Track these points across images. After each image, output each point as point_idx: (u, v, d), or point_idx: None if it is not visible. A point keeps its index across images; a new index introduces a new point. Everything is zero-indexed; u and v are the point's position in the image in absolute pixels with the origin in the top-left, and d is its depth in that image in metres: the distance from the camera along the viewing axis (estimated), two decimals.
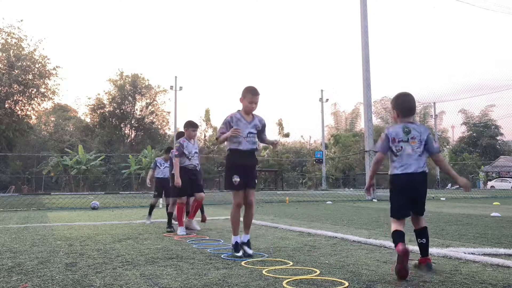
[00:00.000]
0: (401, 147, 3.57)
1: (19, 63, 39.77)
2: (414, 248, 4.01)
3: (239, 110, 4.72)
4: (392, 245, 5.03)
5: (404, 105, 3.69)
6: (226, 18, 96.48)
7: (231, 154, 4.62)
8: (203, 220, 7.83)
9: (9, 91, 39.61)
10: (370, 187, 3.92)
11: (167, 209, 7.46)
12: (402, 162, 3.56)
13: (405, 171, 3.54)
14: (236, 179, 4.47)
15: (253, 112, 4.74)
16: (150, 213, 8.42)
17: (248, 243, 4.53)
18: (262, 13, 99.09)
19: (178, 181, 6.41)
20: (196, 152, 6.72)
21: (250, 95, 4.63)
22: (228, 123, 4.62)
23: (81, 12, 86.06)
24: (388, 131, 3.64)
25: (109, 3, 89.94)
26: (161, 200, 13.70)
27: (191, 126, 6.75)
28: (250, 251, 4.47)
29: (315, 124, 71.11)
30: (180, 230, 6.50)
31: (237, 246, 4.46)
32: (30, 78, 40.57)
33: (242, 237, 4.55)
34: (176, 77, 41.11)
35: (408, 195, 3.55)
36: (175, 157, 6.62)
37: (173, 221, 7.19)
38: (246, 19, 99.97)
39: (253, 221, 8.16)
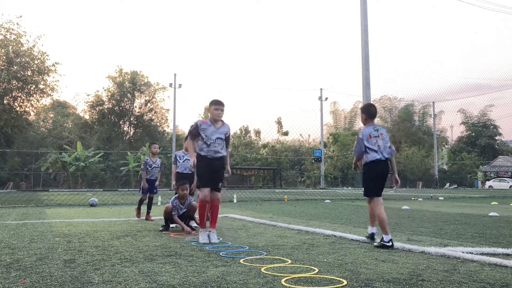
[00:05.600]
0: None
1: (18, 59, 39.64)
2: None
3: None
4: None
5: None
6: (226, 16, 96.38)
7: None
8: (148, 218, 7.95)
9: (7, 87, 39.47)
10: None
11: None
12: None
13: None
14: None
15: None
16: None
17: None
18: (262, 11, 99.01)
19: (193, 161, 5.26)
20: (219, 138, 5.43)
21: None
22: None
23: (80, 8, 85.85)
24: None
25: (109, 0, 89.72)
26: (159, 198, 13.71)
27: (214, 104, 5.48)
28: None
29: (314, 123, 70.94)
30: (202, 237, 5.30)
31: None
32: (29, 74, 40.46)
33: None
34: (175, 74, 40.95)
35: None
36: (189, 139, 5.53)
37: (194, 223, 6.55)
38: (246, 16, 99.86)
39: (251, 219, 8.23)
